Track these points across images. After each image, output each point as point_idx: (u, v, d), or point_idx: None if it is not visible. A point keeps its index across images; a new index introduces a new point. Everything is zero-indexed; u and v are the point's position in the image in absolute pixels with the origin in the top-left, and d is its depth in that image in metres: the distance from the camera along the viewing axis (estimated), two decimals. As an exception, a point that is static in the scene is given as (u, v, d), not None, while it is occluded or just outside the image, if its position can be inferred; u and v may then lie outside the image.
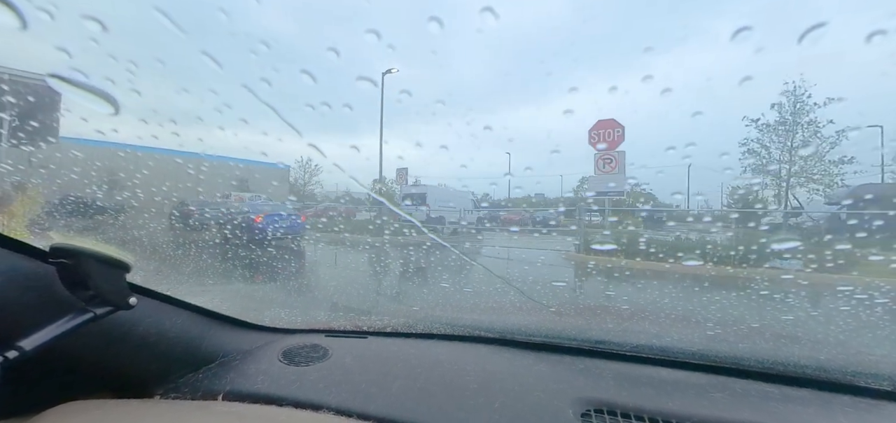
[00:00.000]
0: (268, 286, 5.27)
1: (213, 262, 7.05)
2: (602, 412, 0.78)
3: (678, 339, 1.15)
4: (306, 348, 1.02)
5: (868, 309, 3.77)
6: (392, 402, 0.79)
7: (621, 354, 1.02)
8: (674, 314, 1.81)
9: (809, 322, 3.78)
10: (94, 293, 0.66)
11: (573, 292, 5.94)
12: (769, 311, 4.43)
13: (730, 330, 1.55)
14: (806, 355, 0.99)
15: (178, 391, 0.84)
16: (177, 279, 4.61)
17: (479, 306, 2.32)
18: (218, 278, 5.41)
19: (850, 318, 3.63)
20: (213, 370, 0.91)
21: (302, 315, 1.32)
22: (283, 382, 0.86)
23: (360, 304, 4.17)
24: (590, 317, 1.66)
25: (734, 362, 0.95)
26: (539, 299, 2.80)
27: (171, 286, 0.92)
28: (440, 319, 1.25)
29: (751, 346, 1.17)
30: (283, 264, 7.28)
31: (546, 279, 6.55)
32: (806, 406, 0.82)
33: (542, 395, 0.82)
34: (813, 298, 4.84)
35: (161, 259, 6.42)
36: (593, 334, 1.11)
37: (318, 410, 0.77)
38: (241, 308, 1.11)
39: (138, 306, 0.74)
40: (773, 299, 4.92)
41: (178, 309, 0.90)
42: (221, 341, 0.99)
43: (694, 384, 0.89)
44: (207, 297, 1.21)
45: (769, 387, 0.89)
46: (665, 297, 5.03)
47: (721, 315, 4.24)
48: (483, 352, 1.05)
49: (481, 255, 10.36)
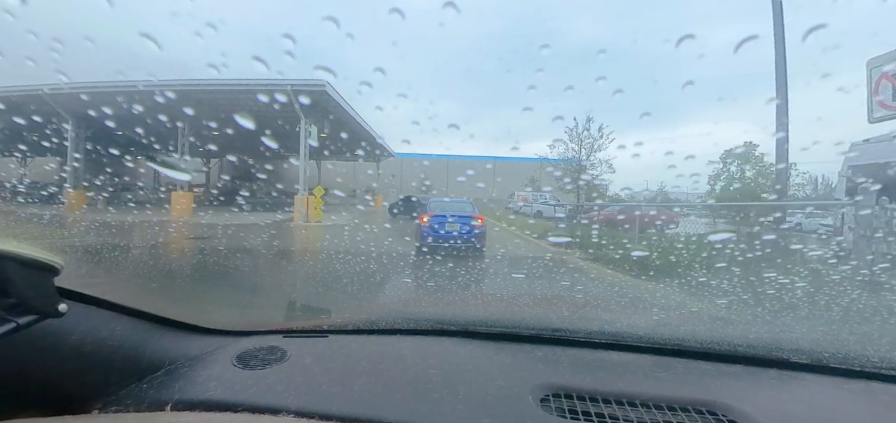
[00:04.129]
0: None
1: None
2: (560, 396, 0.82)
3: (628, 325, 1.23)
4: (263, 351, 0.98)
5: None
6: (355, 400, 0.78)
7: (577, 340, 1.07)
8: (624, 301, 1.93)
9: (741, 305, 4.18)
10: (17, 301, 0.59)
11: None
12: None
13: (673, 314, 1.68)
14: (738, 334, 1.10)
15: (119, 403, 0.78)
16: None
17: (442, 300, 2.34)
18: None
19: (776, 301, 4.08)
20: (160, 379, 0.85)
21: (257, 316, 1.27)
22: (238, 387, 0.82)
23: (319, 302, 4.08)
24: (547, 307, 1.73)
25: (677, 343, 1.04)
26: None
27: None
28: (403, 314, 1.24)
29: (691, 329, 1.28)
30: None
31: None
32: (738, 381, 0.91)
33: (504, 383, 0.85)
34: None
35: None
36: (551, 322, 1.16)
37: (277, 414, 0.74)
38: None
39: (70, 312, 0.67)
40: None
41: (117, 314, 0.83)
42: (168, 348, 0.92)
43: (642, 366, 0.96)
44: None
45: (706, 365, 0.98)
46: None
47: (665, 301, 4.60)
48: (447, 345, 1.06)
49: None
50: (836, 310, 3.89)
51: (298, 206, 15.32)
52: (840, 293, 4.35)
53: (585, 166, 20.01)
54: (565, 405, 0.80)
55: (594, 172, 20.30)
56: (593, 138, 19.64)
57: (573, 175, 19.60)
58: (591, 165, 20.18)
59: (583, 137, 19.80)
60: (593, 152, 19.83)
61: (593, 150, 19.77)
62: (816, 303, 4.10)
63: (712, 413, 0.77)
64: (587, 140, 19.82)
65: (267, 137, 15.80)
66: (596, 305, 1.76)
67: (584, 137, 19.84)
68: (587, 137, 19.77)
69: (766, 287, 4.52)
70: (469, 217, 8.76)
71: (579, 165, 19.89)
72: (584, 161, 20.00)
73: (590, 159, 20.02)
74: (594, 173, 20.25)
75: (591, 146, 19.71)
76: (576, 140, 19.95)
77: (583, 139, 19.84)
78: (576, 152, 20.00)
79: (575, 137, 19.97)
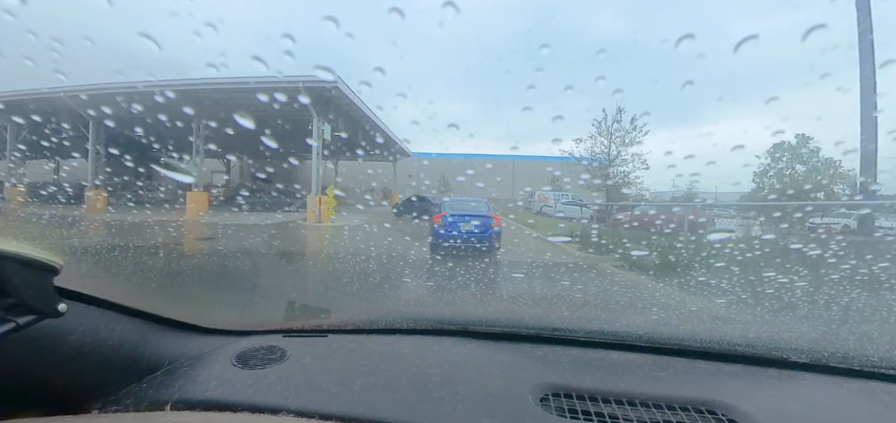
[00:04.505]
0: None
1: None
2: (559, 396, 0.82)
3: (627, 324, 1.23)
4: (262, 350, 0.98)
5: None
6: (354, 400, 0.78)
7: (576, 340, 1.07)
8: (623, 301, 1.93)
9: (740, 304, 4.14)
10: (16, 301, 0.59)
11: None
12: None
13: (672, 314, 1.68)
14: (737, 334, 1.10)
15: (119, 403, 0.78)
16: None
17: (442, 299, 2.34)
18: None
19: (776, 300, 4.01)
20: (159, 379, 0.85)
21: (257, 316, 1.27)
22: (238, 386, 0.82)
23: (319, 302, 4.06)
24: (547, 306, 1.73)
25: (676, 343, 1.04)
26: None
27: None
28: (403, 314, 1.24)
29: (690, 328, 1.27)
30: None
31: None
32: (737, 380, 0.91)
33: (503, 383, 0.85)
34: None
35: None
36: (550, 322, 1.16)
37: (276, 413, 0.74)
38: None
39: (70, 312, 0.67)
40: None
41: (116, 314, 0.83)
42: (167, 347, 0.92)
43: (641, 365, 0.96)
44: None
45: (706, 364, 0.98)
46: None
47: (665, 300, 4.53)
48: (446, 345, 1.06)
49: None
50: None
51: (310, 206, 15.20)
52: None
53: (615, 162, 18.13)
54: (565, 404, 0.80)
55: (625, 168, 18.30)
56: (625, 131, 17.79)
57: (602, 173, 17.95)
58: (622, 160, 18.27)
59: (613, 130, 17.91)
60: (624, 146, 17.94)
61: (624, 143, 17.92)
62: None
63: (712, 413, 0.77)
64: (617, 133, 17.96)
65: (267, 136, 15.79)
66: (595, 304, 1.76)
67: (613, 130, 17.96)
68: (617, 130, 17.89)
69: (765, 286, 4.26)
70: (484, 217, 8.44)
71: (609, 161, 18.03)
72: (614, 157, 18.13)
73: (621, 155, 18.14)
74: (625, 170, 18.29)
75: (622, 140, 17.85)
76: (605, 133, 18.07)
77: (613, 133, 17.95)
78: (605, 147, 18.11)
79: (604, 129, 18.09)
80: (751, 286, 4.62)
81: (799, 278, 4.68)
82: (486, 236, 8.26)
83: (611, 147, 18.06)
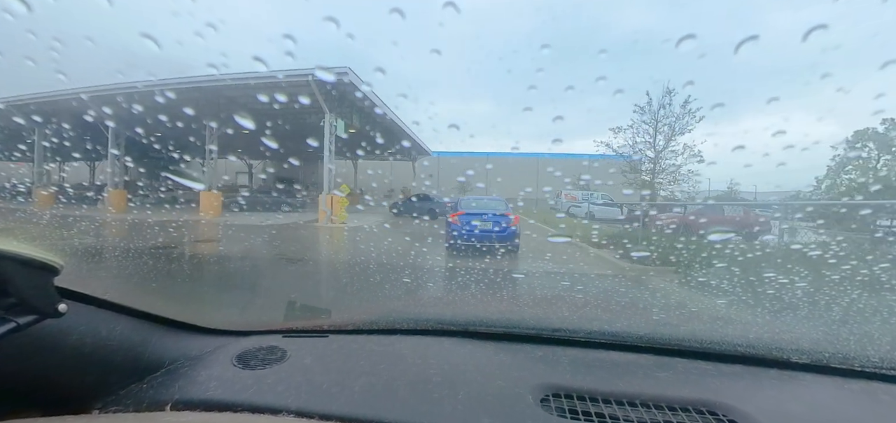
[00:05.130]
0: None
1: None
2: (559, 396, 0.82)
3: (627, 324, 1.23)
4: (263, 351, 0.98)
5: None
6: (354, 400, 0.78)
7: (576, 340, 1.07)
8: (623, 301, 1.93)
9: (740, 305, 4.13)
10: (17, 301, 0.59)
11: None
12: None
13: (673, 314, 1.68)
14: (738, 334, 1.10)
15: (119, 403, 0.78)
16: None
17: (442, 300, 2.34)
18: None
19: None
20: (159, 379, 0.85)
21: (257, 316, 1.27)
22: (238, 387, 0.82)
23: (319, 302, 4.03)
24: (547, 307, 1.73)
25: (677, 343, 1.04)
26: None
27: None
28: (403, 314, 1.24)
29: (691, 329, 1.27)
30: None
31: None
32: (738, 380, 0.91)
33: (504, 383, 0.85)
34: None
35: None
36: (551, 322, 1.16)
37: (276, 414, 0.74)
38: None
39: (70, 312, 0.67)
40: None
41: (117, 314, 0.83)
42: (168, 347, 0.92)
43: (642, 365, 0.96)
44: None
45: (706, 365, 0.97)
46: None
47: (664, 301, 4.53)
48: (447, 345, 1.06)
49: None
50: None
51: (322, 206, 14.62)
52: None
53: (663, 155, 15.03)
54: (565, 404, 0.80)
55: (676, 161, 15.22)
56: (675, 117, 14.59)
57: (645, 169, 15.19)
58: (670, 152, 15.15)
59: (659, 117, 14.83)
60: (675, 135, 14.83)
61: (675, 132, 14.79)
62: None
63: (712, 413, 0.77)
64: (665, 120, 14.76)
65: (268, 136, 15.77)
66: (596, 305, 1.76)
67: (660, 117, 14.78)
68: (665, 117, 14.76)
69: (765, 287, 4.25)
70: (502, 216, 8.10)
71: (655, 155, 14.96)
72: (661, 149, 14.98)
73: (670, 146, 14.99)
74: (676, 162, 15.19)
75: (671, 129, 14.79)
76: (651, 121, 15.02)
77: (659, 120, 14.77)
78: (650, 137, 15.17)
79: (649, 116, 14.94)
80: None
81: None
82: (503, 236, 7.98)
83: (656, 138, 15.20)
